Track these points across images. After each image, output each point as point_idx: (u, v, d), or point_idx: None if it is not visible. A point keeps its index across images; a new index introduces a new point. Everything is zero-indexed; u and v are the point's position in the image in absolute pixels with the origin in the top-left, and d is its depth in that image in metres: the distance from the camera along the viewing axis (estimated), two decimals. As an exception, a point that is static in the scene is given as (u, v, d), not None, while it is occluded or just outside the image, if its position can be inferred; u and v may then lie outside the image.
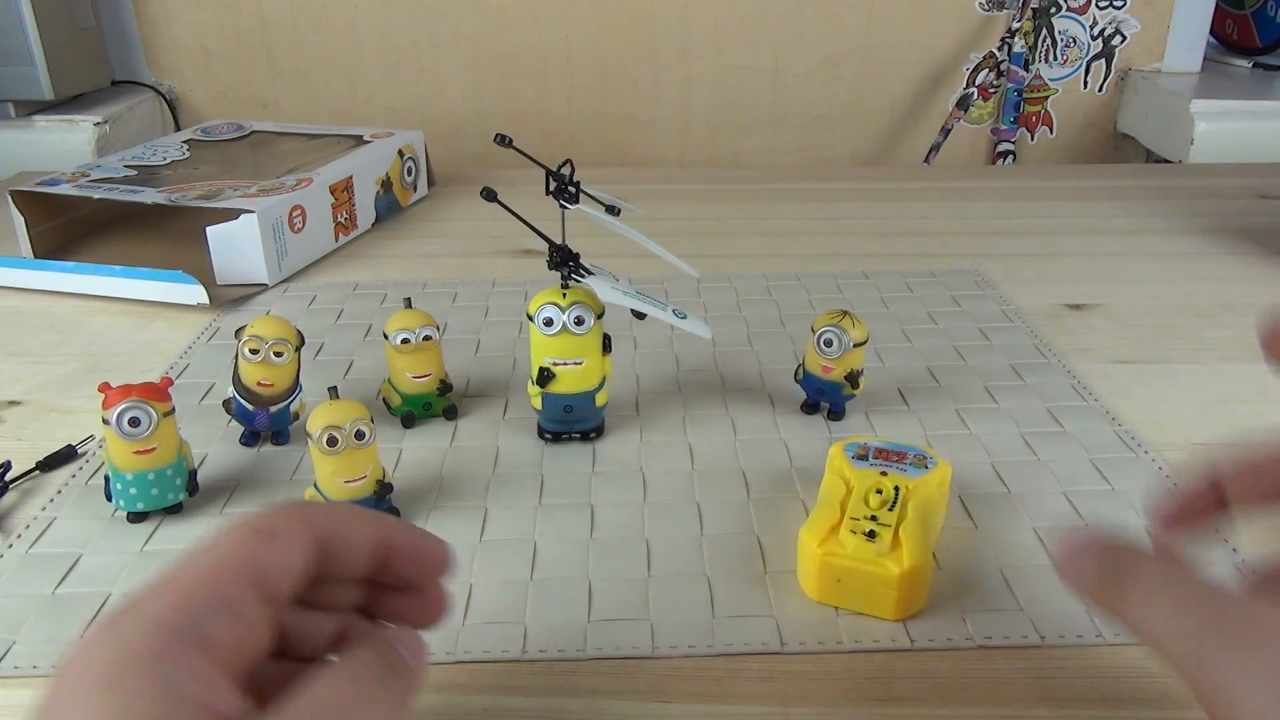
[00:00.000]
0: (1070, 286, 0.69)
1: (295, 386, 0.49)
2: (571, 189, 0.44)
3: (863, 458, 0.41)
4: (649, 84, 1.39)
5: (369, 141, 0.85)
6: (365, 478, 0.41)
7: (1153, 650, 0.24)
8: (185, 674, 0.23)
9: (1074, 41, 1.38)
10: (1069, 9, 1.36)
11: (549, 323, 0.45)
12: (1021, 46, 1.35)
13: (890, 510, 0.38)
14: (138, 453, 0.41)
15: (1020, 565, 0.40)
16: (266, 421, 0.48)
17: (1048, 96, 1.41)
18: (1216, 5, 1.38)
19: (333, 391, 0.41)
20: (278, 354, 0.47)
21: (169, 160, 0.81)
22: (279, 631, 0.26)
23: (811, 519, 0.38)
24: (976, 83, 1.40)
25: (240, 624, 0.24)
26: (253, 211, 0.67)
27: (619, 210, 0.44)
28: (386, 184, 0.84)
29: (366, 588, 0.29)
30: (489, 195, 0.43)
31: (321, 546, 0.27)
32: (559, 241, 0.45)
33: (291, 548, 0.26)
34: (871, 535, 0.36)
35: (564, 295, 0.46)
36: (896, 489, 0.39)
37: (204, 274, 0.67)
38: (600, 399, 0.48)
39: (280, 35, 1.35)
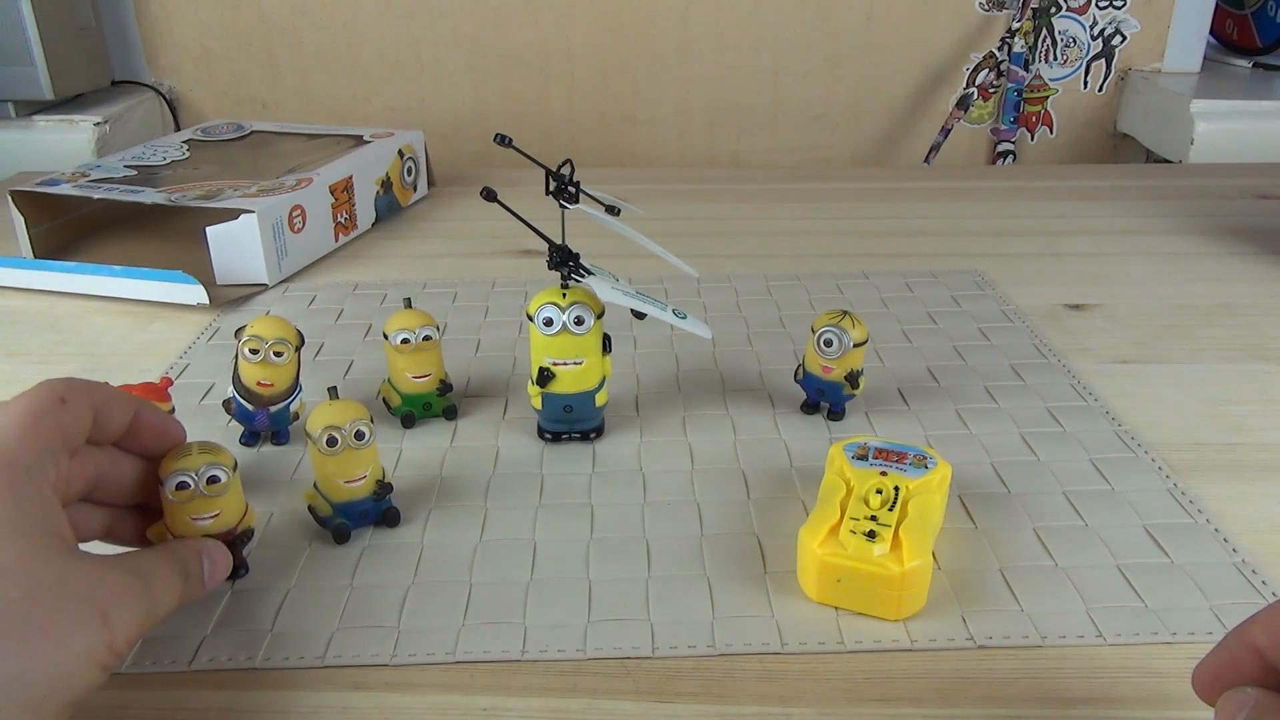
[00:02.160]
0: (1070, 286, 0.69)
1: (295, 386, 0.49)
2: (571, 189, 0.44)
3: (863, 458, 0.41)
4: (649, 84, 1.39)
5: (369, 141, 0.85)
6: (365, 478, 0.41)
7: None
8: (40, 502, 0.29)
9: (1074, 41, 1.38)
10: (1069, 9, 1.36)
11: (549, 323, 0.45)
12: (1021, 46, 1.35)
13: (890, 510, 0.38)
14: (138, 453, 0.41)
15: (1020, 565, 0.40)
16: (266, 421, 0.48)
17: (1048, 96, 1.41)
18: (1216, 5, 1.38)
19: (333, 392, 0.41)
20: (278, 354, 0.47)
21: (169, 160, 0.81)
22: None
23: (811, 519, 0.38)
24: (976, 83, 1.40)
25: (60, 470, 0.31)
26: (253, 211, 0.67)
27: (619, 210, 0.44)
28: (386, 184, 0.84)
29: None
30: (489, 195, 0.43)
31: (96, 414, 0.33)
32: (559, 241, 0.45)
33: (81, 413, 0.32)
34: (871, 535, 0.36)
35: (564, 295, 0.46)
36: (896, 489, 0.39)
37: (204, 274, 0.67)
38: (600, 399, 0.48)
39: (280, 35, 1.35)
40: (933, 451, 0.41)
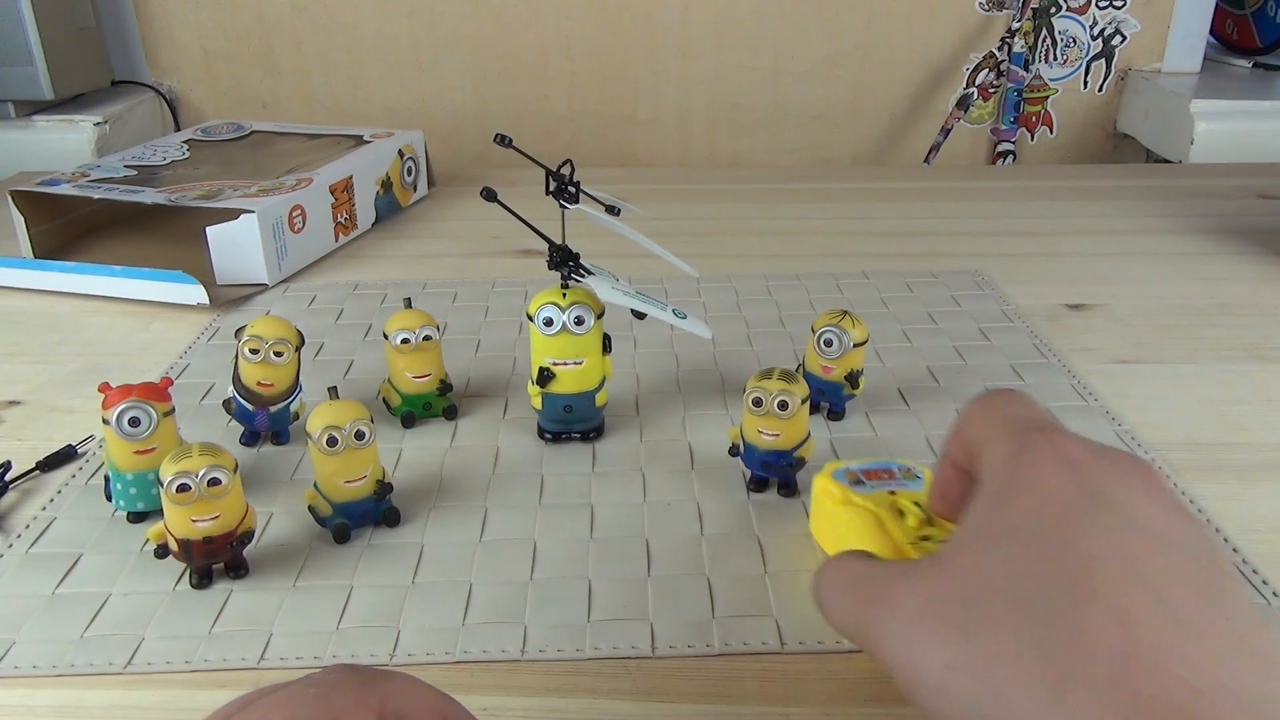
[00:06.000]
0: (1070, 286, 0.69)
1: (295, 386, 0.49)
2: (571, 189, 0.44)
3: (859, 483, 0.39)
4: (649, 84, 1.39)
5: (369, 141, 0.85)
6: (365, 478, 0.41)
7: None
8: None
9: (1074, 41, 1.38)
10: (1069, 9, 1.36)
11: (549, 323, 0.45)
12: (1021, 46, 1.35)
13: (932, 525, 0.36)
14: (138, 453, 0.41)
15: (1020, 565, 0.40)
16: (266, 421, 0.48)
17: (1048, 96, 1.41)
18: (1216, 5, 1.38)
19: (333, 391, 0.41)
20: (278, 354, 0.47)
21: (169, 160, 0.81)
22: None
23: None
24: (976, 83, 1.40)
25: None
26: (253, 211, 0.67)
27: (619, 210, 0.44)
28: (386, 184, 0.84)
29: None
30: (489, 195, 0.43)
31: None
32: (559, 241, 0.45)
33: None
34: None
35: (564, 295, 0.46)
36: (917, 504, 0.37)
37: (204, 274, 0.67)
38: (600, 399, 0.48)
39: (280, 35, 1.35)
40: (907, 460, 0.40)
